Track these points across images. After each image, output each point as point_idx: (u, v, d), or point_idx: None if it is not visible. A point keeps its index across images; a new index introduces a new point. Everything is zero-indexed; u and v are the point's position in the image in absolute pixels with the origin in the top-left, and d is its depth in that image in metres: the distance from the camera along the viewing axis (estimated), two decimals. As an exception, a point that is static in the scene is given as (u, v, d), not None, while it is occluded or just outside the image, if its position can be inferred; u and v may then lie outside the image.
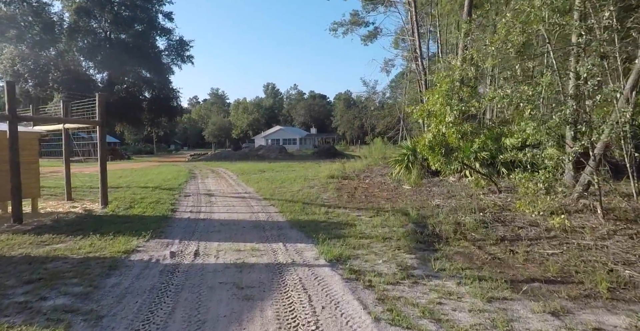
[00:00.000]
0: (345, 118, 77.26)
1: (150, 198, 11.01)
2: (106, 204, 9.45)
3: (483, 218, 7.16)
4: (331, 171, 18.54)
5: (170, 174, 18.58)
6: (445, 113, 9.20)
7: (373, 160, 23.53)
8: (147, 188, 13.57)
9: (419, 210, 8.53)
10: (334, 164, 24.03)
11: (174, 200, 10.77)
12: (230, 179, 16.75)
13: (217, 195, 12.01)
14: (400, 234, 6.42)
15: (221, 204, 10.28)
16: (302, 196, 11.17)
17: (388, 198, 10.66)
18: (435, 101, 9.46)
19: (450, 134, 9.31)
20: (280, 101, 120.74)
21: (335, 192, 11.77)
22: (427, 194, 10.74)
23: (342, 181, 15.03)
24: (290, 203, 9.88)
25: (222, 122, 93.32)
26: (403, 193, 11.51)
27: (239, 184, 14.83)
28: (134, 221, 7.74)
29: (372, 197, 10.95)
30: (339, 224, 7.46)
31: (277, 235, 6.62)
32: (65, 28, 34.55)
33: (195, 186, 14.61)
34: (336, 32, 34.18)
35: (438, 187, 12.02)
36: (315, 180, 15.40)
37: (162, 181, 15.56)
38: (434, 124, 9.47)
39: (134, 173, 20.35)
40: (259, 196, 11.62)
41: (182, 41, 38.49)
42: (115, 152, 38.54)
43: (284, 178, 16.18)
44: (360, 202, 10.07)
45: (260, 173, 19.52)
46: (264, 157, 33.87)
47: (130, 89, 37.40)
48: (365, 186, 13.31)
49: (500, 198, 9.24)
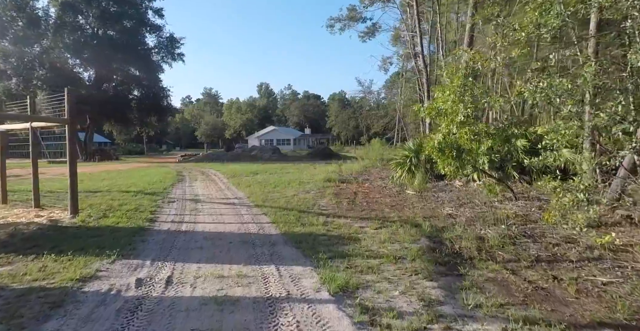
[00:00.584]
0: (340, 118, 76.36)
1: (130, 204, 9.93)
2: (76, 213, 8.37)
3: (508, 232, 6.20)
4: (327, 173, 17.56)
5: (156, 177, 17.48)
6: (458, 111, 8.25)
7: (371, 162, 22.58)
8: (129, 192, 12.48)
9: (430, 220, 7.57)
10: (329, 165, 23.05)
11: (155, 207, 9.70)
12: (220, 183, 15.69)
13: (204, 201, 10.97)
14: (415, 253, 5.44)
15: (208, 212, 9.24)
16: (298, 202, 10.17)
17: (392, 205, 9.68)
18: (446, 98, 8.51)
19: (462, 135, 8.36)
20: (274, 101, 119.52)
21: (334, 198, 10.77)
22: (434, 201, 9.78)
23: (339, 185, 14.05)
24: (284, 211, 8.87)
25: (215, 122, 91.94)
26: (407, 199, 10.54)
27: (229, 188, 13.79)
28: (103, 235, 6.68)
29: (375, 204, 9.97)
30: (340, 238, 6.47)
31: (268, 254, 5.61)
32: (51, 24, 33.20)
33: (181, 190, 13.53)
34: (333, 29, 33.20)
35: (445, 192, 11.07)
36: (311, 184, 14.39)
37: (146, 185, 14.46)
38: (445, 123, 8.51)
39: (118, 175, 19.22)
40: (249, 202, 10.59)
41: (173, 38, 37.29)
42: (104, 152, 37.26)
43: (277, 181, 15.16)
44: (362, 210, 9.08)
45: (253, 175, 18.47)
46: (257, 158, 32.81)
47: (118, 88, 36.06)
48: (365, 191, 12.33)
49: (519, 206, 8.29)
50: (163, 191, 12.88)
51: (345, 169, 19.57)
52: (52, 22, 33.33)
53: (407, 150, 13.91)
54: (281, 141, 73.27)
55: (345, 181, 15.23)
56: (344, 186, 13.55)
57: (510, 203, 8.67)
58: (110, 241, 6.25)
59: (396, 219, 7.84)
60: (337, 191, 12.18)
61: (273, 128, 79.70)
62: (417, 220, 7.68)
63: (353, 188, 13.11)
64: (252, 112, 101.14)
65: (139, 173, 19.87)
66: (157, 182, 15.47)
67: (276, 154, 34.22)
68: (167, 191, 13.10)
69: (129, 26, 34.26)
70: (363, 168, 20.62)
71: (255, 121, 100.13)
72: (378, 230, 7.05)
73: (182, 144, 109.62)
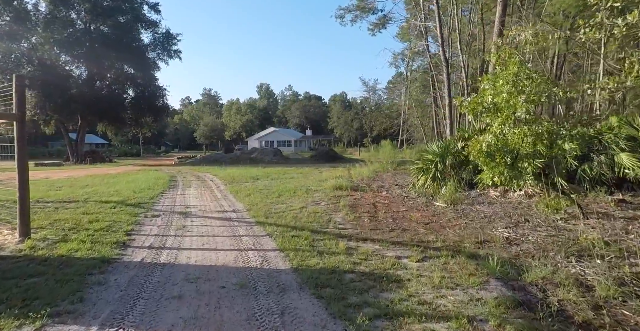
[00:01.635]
0: (342, 120, 74.50)
1: (103, 220, 8.12)
2: (27, 236, 6.53)
3: (618, 273, 4.39)
4: (336, 179, 15.76)
5: (145, 182, 15.66)
6: (516, 106, 6.44)
7: (381, 166, 20.78)
8: (109, 202, 10.67)
9: (486, 248, 5.78)
10: (336, 169, 21.26)
11: (133, 225, 7.89)
12: (217, 190, 13.87)
13: (195, 215, 9.15)
14: (495, 310, 3.65)
15: (198, 231, 7.42)
16: (308, 217, 8.36)
17: (425, 222, 7.87)
18: (498, 90, 6.71)
19: (521, 136, 6.55)
20: (274, 102, 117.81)
21: (351, 211, 8.98)
22: (476, 217, 7.96)
23: (353, 193, 12.25)
24: (293, 232, 7.06)
25: (214, 124, 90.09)
26: (440, 213, 8.73)
27: (226, 197, 11.97)
28: (46, 273, 4.85)
29: (403, 220, 8.16)
30: (376, 278, 4.66)
31: (278, 312, 3.79)
32: (41, 19, 31.41)
33: (171, 199, 11.72)
34: (343, 20, 31.29)
35: (482, 205, 9.26)
36: (320, 192, 12.59)
37: (131, 193, 12.64)
38: (498, 121, 6.70)
39: (104, 180, 17.40)
40: (249, 217, 8.78)
41: (169, 34, 35.11)
42: (96, 154, 35.37)
43: (281, 188, 13.35)
44: (391, 229, 7.27)
45: (253, 181, 16.66)
46: (258, 161, 30.99)
47: (112, 86, 34.12)
48: (385, 202, 10.52)
49: (596, 227, 6.47)
50: (149, 201, 11.06)
51: (354, 174, 17.79)
52: (42, 16, 31.54)
53: (431, 154, 12.10)
54: (282, 143, 71.53)
55: (358, 188, 13.43)
56: (359, 196, 11.75)
57: (580, 222, 6.85)
58: (53, 284, 4.44)
59: (440, 245, 6.04)
60: (352, 202, 10.38)
61: (273, 130, 78.02)
62: (467, 247, 5.88)
63: (370, 198, 11.32)
64: (252, 114, 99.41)
65: (127, 178, 18.04)
66: (145, 189, 13.65)
67: (277, 157, 32.37)
68: (154, 200, 11.28)
69: (123, 21, 32.42)
70: (373, 173, 18.85)
71: (256, 122, 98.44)
72: (422, 263, 5.25)
73: (181, 145, 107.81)
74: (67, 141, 34.42)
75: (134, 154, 58.52)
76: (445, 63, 15.45)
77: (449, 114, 15.50)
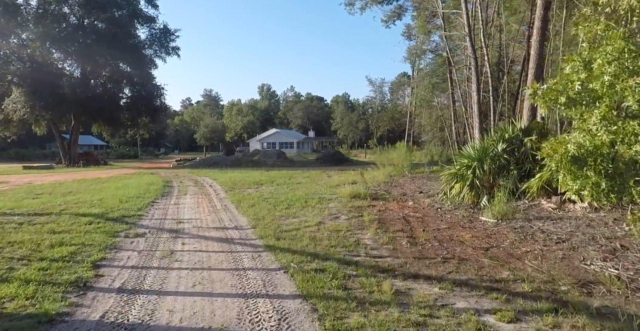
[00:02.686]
0: (346, 120, 72.72)
1: (70, 243, 6.39)
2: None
3: None
4: (350, 185, 14.05)
5: (136, 189, 13.90)
6: (625, 92, 4.65)
7: (395, 169, 19.03)
8: (87, 216, 8.93)
9: (594, 293, 4.04)
10: (345, 173, 19.51)
11: (106, 251, 6.14)
12: (216, 199, 12.12)
13: (188, 234, 7.40)
14: None
15: (189, 260, 5.67)
16: (329, 239, 6.62)
17: (482, 246, 6.11)
18: (597, 72, 4.93)
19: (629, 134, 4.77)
20: (276, 103, 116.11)
21: (381, 229, 7.25)
22: (548, 241, 6.19)
23: (374, 203, 10.52)
24: (314, 263, 5.32)
25: (215, 125, 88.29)
26: (494, 232, 6.97)
27: (226, 209, 10.22)
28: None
29: (450, 242, 6.40)
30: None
31: None
32: (32, 13, 29.71)
33: (162, 211, 9.98)
34: (353, 7, 29.34)
35: (543, 221, 7.51)
36: (335, 201, 10.86)
37: (117, 202, 10.91)
38: (596, 114, 4.91)
39: (91, 186, 15.67)
40: (256, 237, 7.02)
41: (167, 30, 33.04)
42: (90, 156, 33.51)
43: (290, 197, 11.60)
44: (443, 259, 5.52)
45: (257, 187, 14.91)
46: (260, 163, 29.20)
47: (107, 85, 32.24)
48: (417, 216, 8.76)
49: None
50: (135, 214, 9.32)
51: (369, 179, 16.05)
52: (33, 11, 29.84)
53: (467, 157, 10.34)
54: (284, 144, 69.80)
55: (378, 196, 11.69)
56: (382, 206, 10.01)
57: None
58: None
59: (527, 289, 4.30)
60: (378, 216, 8.64)
61: (275, 131, 76.29)
62: (569, 293, 4.13)
63: (396, 209, 9.57)
64: (253, 115, 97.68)
65: (117, 183, 16.29)
66: (133, 198, 11.90)
67: (281, 159, 30.56)
68: (141, 213, 9.54)
69: (118, 16, 30.58)
70: (388, 177, 17.12)
71: (257, 123, 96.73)
72: (519, 326, 3.49)
73: (181, 147, 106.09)
74: (59, 142, 32.52)
75: (131, 156, 56.67)
76: (473, 54, 13.70)
77: (478, 112, 13.73)
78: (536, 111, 11.29)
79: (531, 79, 11.17)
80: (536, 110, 11.27)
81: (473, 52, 13.72)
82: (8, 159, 45.67)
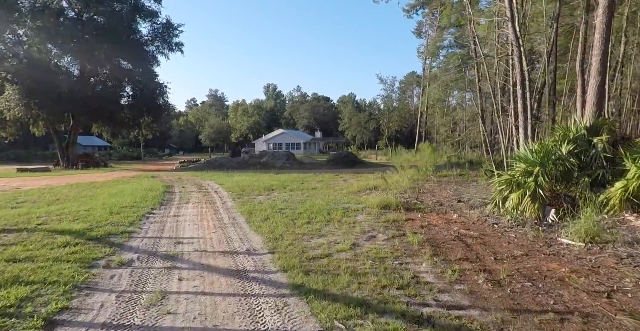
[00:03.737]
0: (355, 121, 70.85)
1: (25, 281, 4.73)
2: None
3: None
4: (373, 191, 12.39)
5: (131, 196, 12.24)
6: None
7: (420, 173, 17.30)
8: (66, 233, 7.28)
9: None
10: (363, 177, 17.79)
11: (75, 292, 4.47)
12: (223, 209, 10.45)
13: (187, 262, 5.70)
14: None
15: (186, 312, 3.97)
16: (375, 274, 4.92)
17: (597, 289, 4.36)
18: None
19: None
20: (282, 103, 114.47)
21: (436, 256, 5.56)
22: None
23: (409, 215, 8.82)
24: (369, 321, 3.63)
25: (220, 125, 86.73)
26: (595, 264, 5.22)
27: (235, 223, 8.53)
28: None
29: (545, 281, 4.66)
30: None
31: None
32: (28, 7, 28.19)
33: (158, 226, 8.30)
34: None
35: (647, 246, 5.75)
36: (364, 213, 9.16)
37: (106, 214, 9.25)
38: None
39: (83, 192, 14.05)
40: (276, 268, 5.30)
41: (169, 24, 31.33)
42: (89, 158, 31.85)
43: (308, 206, 9.91)
44: (555, 313, 3.79)
45: (268, 193, 13.23)
46: (269, 165, 27.48)
47: (107, 82, 30.62)
48: (473, 234, 7.01)
49: None
50: (125, 231, 7.65)
51: (392, 184, 14.31)
52: (30, 4, 28.31)
53: (524, 161, 8.56)
54: (290, 145, 68.14)
55: (410, 206, 9.96)
56: (421, 220, 8.30)
57: None
58: None
59: None
60: (425, 235, 6.91)
61: (282, 131, 74.67)
62: None
63: (441, 225, 7.85)
64: (259, 115, 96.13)
65: (112, 189, 14.64)
66: (127, 207, 10.25)
67: (290, 161, 28.80)
68: (132, 229, 7.86)
69: (119, 11, 28.98)
70: (412, 181, 15.40)
71: (263, 123, 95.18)
72: None
73: (186, 148, 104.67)
74: (57, 143, 30.83)
75: (134, 158, 55.06)
76: (517, 42, 11.94)
77: (523, 108, 11.99)
78: (602, 106, 9.52)
79: (596, 68, 9.40)
80: (602, 104, 9.51)
81: (516, 39, 11.96)
82: (7, 161, 44.27)
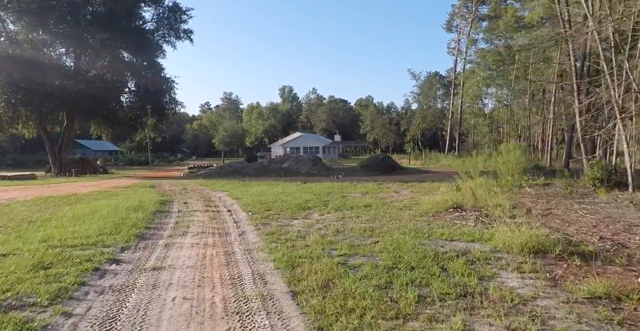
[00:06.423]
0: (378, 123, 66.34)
1: None
2: None
3: None
4: (469, 213, 8.12)
5: (103, 221, 8.09)
6: None
7: (503, 182, 12.87)
8: None
9: None
10: (417, 187, 13.42)
11: None
12: (239, 247, 6.20)
13: None
14: None
15: None
16: None
17: None
18: None
19: None
20: (298, 106, 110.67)
21: None
22: None
23: (581, 273, 4.37)
24: None
25: (235, 129, 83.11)
26: None
27: (270, 296, 4.24)
28: None
29: None
30: None
31: None
32: (16, -7, 24.56)
33: (109, 305, 4.08)
34: None
35: None
36: (510, 268, 4.71)
37: (33, 263, 5.09)
38: None
39: (46, 209, 10.01)
40: None
41: (177, 8, 26.88)
42: (86, 163, 27.92)
43: (390, 248, 5.59)
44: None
45: (306, 214, 8.97)
46: (292, 172, 23.25)
47: (105, 76, 26.78)
48: None
49: None
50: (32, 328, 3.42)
51: (482, 200, 9.90)
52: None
53: None
54: (308, 149, 63.99)
55: (566, 248, 5.54)
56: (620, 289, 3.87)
57: None
58: None
59: None
60: None
61: (299, 135, 70.68)
62: None
63: None
64: (274, 118, 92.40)
65: (87, 207, 10.52)
66: (78, 247, 6.10)
67: (317, 167, 24.49)
68: (50, 321, 3.64)
69: (118, -5, 25.22)
70: (487, 193, 10.92)
71: (279, 127, 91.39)
72: None
73: (200, 152, 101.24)
74: (48, 146, 26.90)
75: (141, 163, 51.25)
76: None
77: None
78: None
79: None
80: None
81: None
82: (6, 167, 40.92)
